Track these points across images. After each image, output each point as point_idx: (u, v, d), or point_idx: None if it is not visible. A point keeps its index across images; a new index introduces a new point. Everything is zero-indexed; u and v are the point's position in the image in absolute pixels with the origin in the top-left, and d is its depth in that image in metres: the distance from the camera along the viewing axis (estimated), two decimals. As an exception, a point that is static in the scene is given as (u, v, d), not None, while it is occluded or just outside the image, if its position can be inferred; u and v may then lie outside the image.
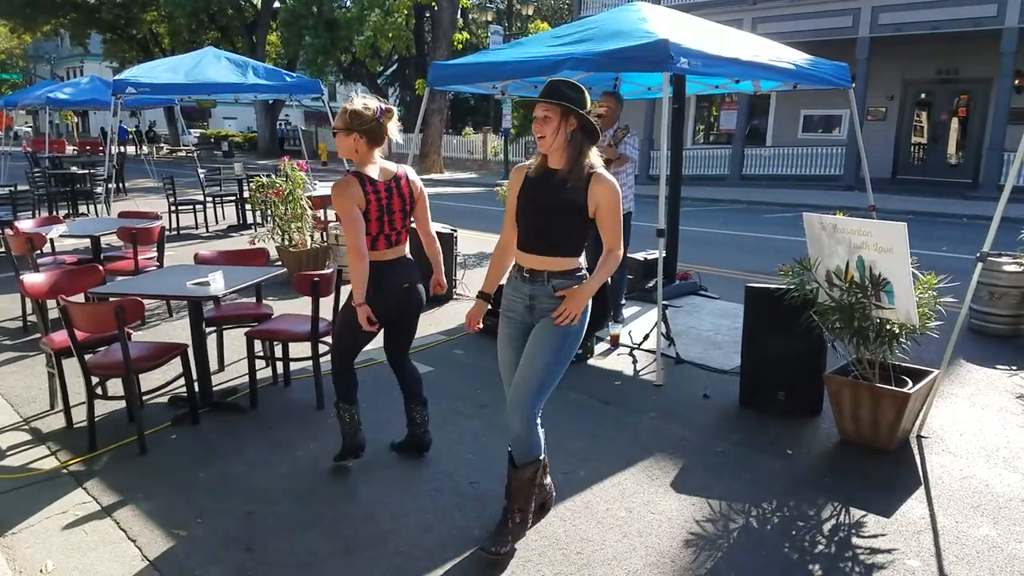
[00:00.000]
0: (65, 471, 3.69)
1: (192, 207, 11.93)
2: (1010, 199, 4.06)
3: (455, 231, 7.17)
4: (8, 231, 6.47)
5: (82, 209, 13.57)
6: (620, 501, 3.39)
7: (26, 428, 4.22)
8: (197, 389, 4.28)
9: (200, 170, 12.94)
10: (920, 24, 16.31)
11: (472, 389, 4.78)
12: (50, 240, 6.46)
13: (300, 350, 4.65)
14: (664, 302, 5.33)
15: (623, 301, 6.42)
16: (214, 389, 4.56)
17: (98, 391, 4.02)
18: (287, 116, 39.33)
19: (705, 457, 3.85)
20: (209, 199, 12.18)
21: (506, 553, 2.92)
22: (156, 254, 6.43)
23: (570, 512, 3.29)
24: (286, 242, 8.00)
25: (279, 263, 7.81)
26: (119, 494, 3.45)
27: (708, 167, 20.77)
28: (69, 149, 28.03)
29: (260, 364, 4.63)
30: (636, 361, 5.38)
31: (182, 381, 4.22)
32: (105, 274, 4.89)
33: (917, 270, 3.76)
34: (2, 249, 8.05)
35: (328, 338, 4.53)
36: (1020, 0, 14.76)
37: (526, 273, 2.89)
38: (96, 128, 39.74)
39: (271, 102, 28.70)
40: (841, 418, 4.03)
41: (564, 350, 2.87)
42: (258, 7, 32.02)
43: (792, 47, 6.45)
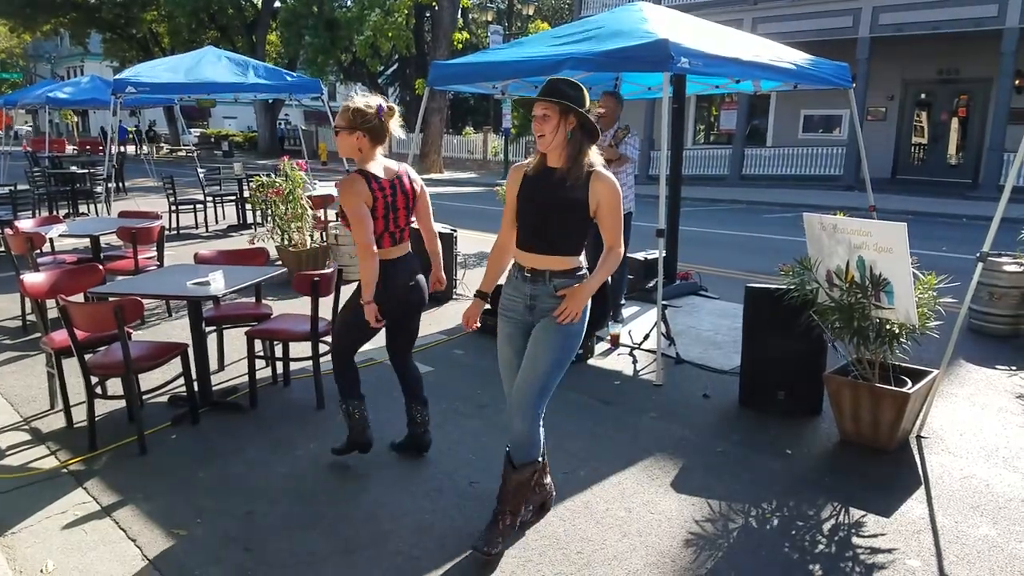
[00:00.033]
0: (65, 471, 3.69)
1: (192, 207, 11.94)
2: (1010, 199, 4.06)
3: (455, 231, 7.17)
4: (8, 231, 6.46)
5: (82, 209, 13.57)
6: (620, 501, 3.39)
7: (26, 428, 4.22)
8: (197, 389, 4.28)
9: (200, 170, 12.94)
10: (920, 24, 16.32)
11: (472, 389, 4.78)
12: (50, 240, 6.46)
13: (300, 350, 4.65)
14: (664, 302, 5.33)
15: (623, 301, 6.42)
16: (214, 389, 4.57)
17: (98, 391, 4.02)
18: (287, 116, 39.31)
19: (705, 457, 3.85)
20: (209, 199, 12.18)
21: (497, 554, 2.92)
22: (156, 254, 6.43)
23: (570, 512, 3.29)
24: (286, 242, 8.00)
25: (279, 263, 7.81)
26: (119, 494, 3.45)
27: (708, 167, 20.77)
28: (69, 148, 28.00)
29: (260, 364, 4.63)
30: (636, 361, 5.38)
31: (182, 381, 4.22)
32: (105, 274, 4.89)
33: (917, 270, 3.76)
34: (2, 249, 8.04)
35: (328, 338, 4.54)
36: (1020, 0, 14.77)
37: (527, 272, 2.88)
38: (96, 128, 39.72)
39: (271, 102, 28.71)
40: (841, 418, 4.03)
41: (566, 350, 2.87)
42: (258, 7, 32.01)
43: (792, 47, 6.45)
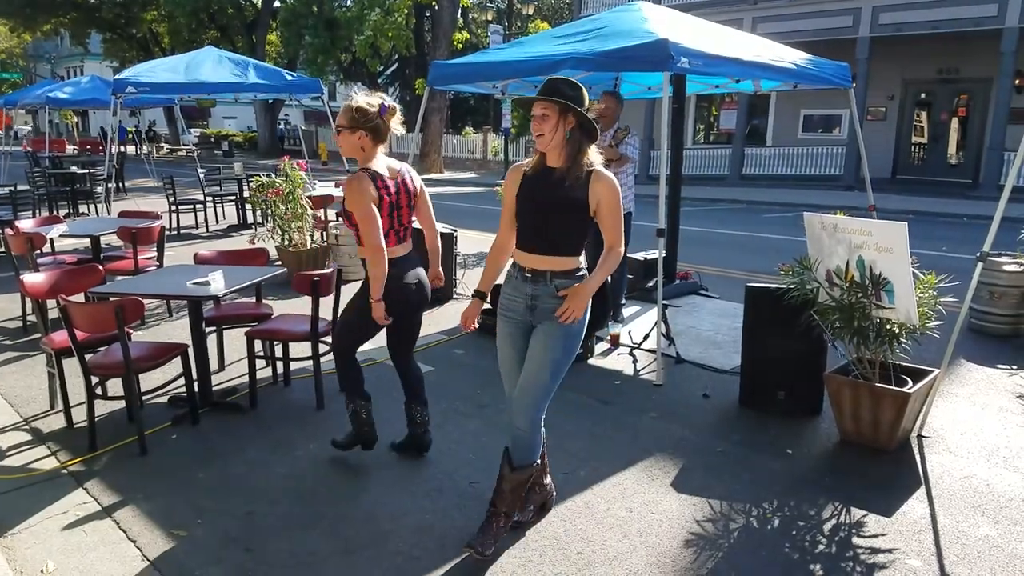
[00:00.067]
0: (65, 471, 3.69)
1: (192, 207, 11.94)
2: (1010, 199, 4.06)
3: (455, 231, 7.16)
4: (8, 231, 6.46)
5: (82, 209, 13.57)
6: (620, 501, 3.39)
7: (26, 428, 4.22)
8: (197, 389, 4.28)
9: (200, 170, 12.94)
10: (920, 24, 16.32)
11: (472, 389, 4.77)
12: (50, 240, 6.46)
13: (300, 350, 4.65)
14: (664, 302, 5.33)
15: (623, 301, 6.42)
16: (214, 389, 4.56)
17: (98, 391, 4.02)
18: (287, 116, 39.33)
19: (705, 457, 3.85)
20: (209, 199, 12.18)
21: (491, 555, 2.92)
22: (156, 254, 6.43)
23: (570, 512, 3.29)
24: (286, 242, 7.99)
25: (279, 263, 7.81)
26: (119, 494, 3.45)
27: (708, 167, 20.76)
28: (69, 149, 28.02)
29: (260, 364, 4.63)
30: (636, 361, 5.38)
31: (182, 381, 4.22)
32: (105, 274, 4.89)
33: (917, 270, 3.76)
34: (2, 249, 8.05)
35: (328, 338, 4.54)
36: (1020, 0, 14.76)
37: (528, 273, 2.88)
38: (96, 128, 39.73)
39: (271, 102, 28.71)
40: (841, 418, 4.03)
41: (568, 351, 2.89)
42: (258, 6, 32.01)
43: (792, 47, 6.45)
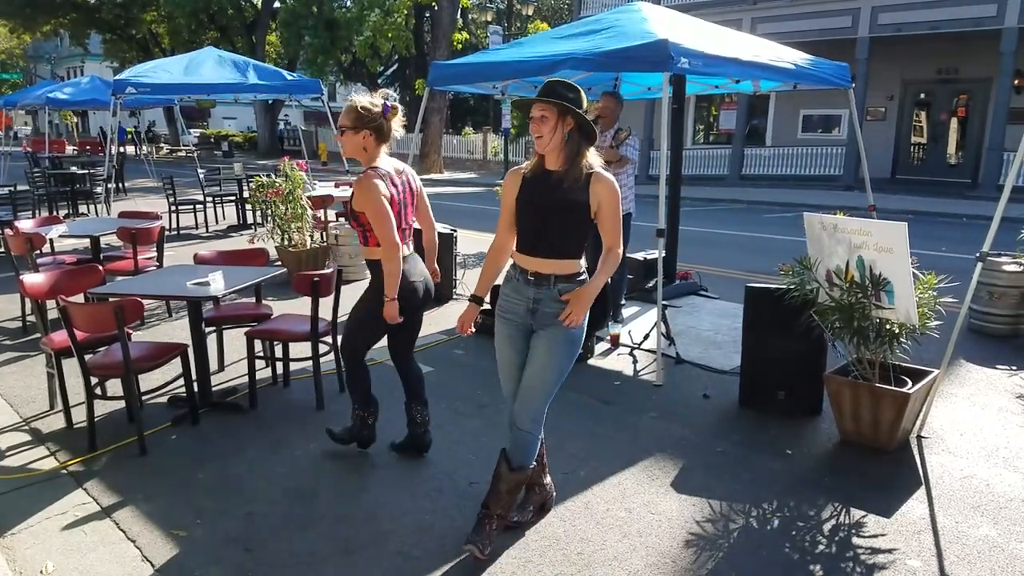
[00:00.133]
0: (65, 471, 3.68)
1: (192, 207, 11.93)
2: (1010, 199, 4.05)
3: (455, 231, 7.17)
4: (8, 231, 6.47)
5: (82, 209, 13.57)
6: (620, 501, 3.39)
7: (26, 428, 4.22)
8: (197, 389, 4.28)
9: (200, 170, 12.94)
10: (920, 24, 16.32)
11: (472, 389, 4.77)
12: (50, 240, 6.45)
13: (300, 350, 4.65)
14: (664, 302, 5.33)
15: (623, 301, 6.42)
16: (214, 389, 4.57)
17: (98, 391, 4.02)
18: (287, 116, 39.34)
19: (705, 457, 3.85)
20: (209, 199, 12.17)
21: (488, 555, 2.91)
22: (156, 254, 6.43)
23: (570, 512, 3.29)
24: (286, 242, 8.00)
25: (279, 263, 7.81)
26: (119, 494, 3.45)
27: (708, 167, 20.76)
28: (69, 149, 28.04)
29: (260, 364, 4.63)
30: (636, 361, 5.38)
31: (182, 381, 4.22)
32: (105, 274, 4.89)
33: (917, 270, 3.76)
34: (2, 249, 8.05)
35: (328, 338, 4.54)
36: (1020, 0, 14.77)
37: (530, 276, 2.87)
38: (96, 128, 39.74)
39: (271, 102, 28.71)
40: (841, 418, 4.02)
41: (570, 355, 2.91)
42: (258, 7, 32.02)
43: (792, 47, 6.45)
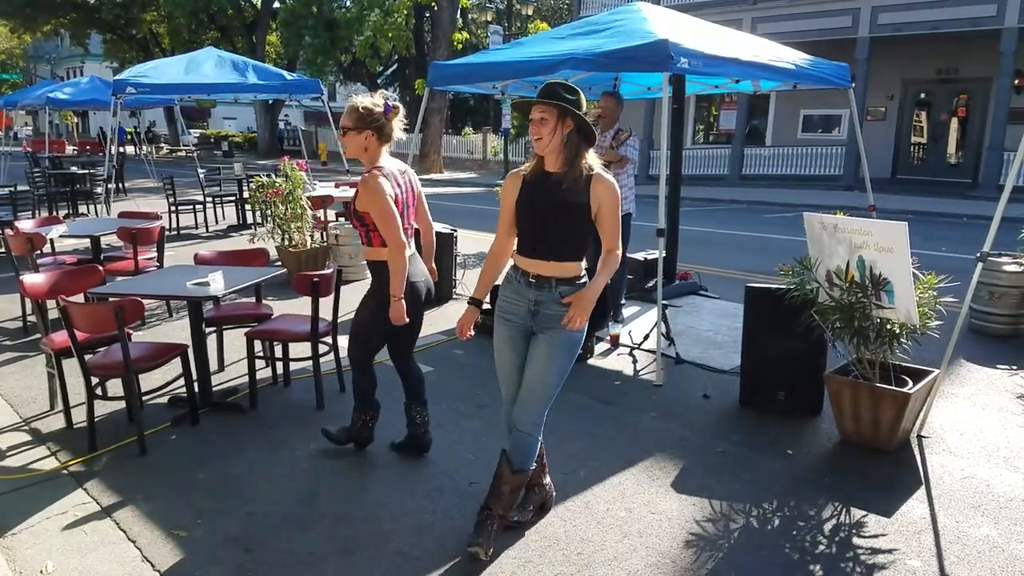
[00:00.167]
0: (65, 471, 3.68)
1: (192, 207, 11.93)
2: (1010, 199, 4.06)
3: (455, 231, 7.17)
4: (8, 231, 6.46)
5: (82, 209, 13.57)
6: (620, 501, 3.39)
7: (26, 428, 4.21)
8: (197, 389, 4.28)
9: (200, 170, 12.93)
10: (920, 24, 16.32)
11: (472, 389, 4.77)
12: (50, 240, 6.46)
13: (300, 350, 4.65)
14: (664, 302, 5.33)
15: (623, 301, 6.42)
16: (214, 389, 4.56)
17: (98, 391, 4.02)
18: (287, 116, 39.36)
19: (705, 457, 3.85)
20: (209, 199, 12.18)
21: (490, 555, 2.91)
22: (156, 254, 6.43)
23: (570, 512, 3.29)
24: (286, 242, 8.00)
25: (279, 263, 7.81)
26: (119, 494, 3.45)
27: (708, 167, 20.76)
28: (69, 149, 28.04)
29: (260, 364, 4.63)
30: (636, 361, 5.38)
31: (182, 381, 4.21)
32: (105, 274, 4.89)
33: (917, 270, 3.76)
34: (2, 249, 8.05)
35: (328, 338, 4.54)
36: (1020, 0, 14.77)
37: (532, 279, 2.87)
38: (96, 128, 39.74)
39: (271, 102, 28.72)
40: (841, 418, 4.02)
41: (571, 356, 2.92)
42: (258, 7, 32.02)
43: (792, 47, 6.45)
